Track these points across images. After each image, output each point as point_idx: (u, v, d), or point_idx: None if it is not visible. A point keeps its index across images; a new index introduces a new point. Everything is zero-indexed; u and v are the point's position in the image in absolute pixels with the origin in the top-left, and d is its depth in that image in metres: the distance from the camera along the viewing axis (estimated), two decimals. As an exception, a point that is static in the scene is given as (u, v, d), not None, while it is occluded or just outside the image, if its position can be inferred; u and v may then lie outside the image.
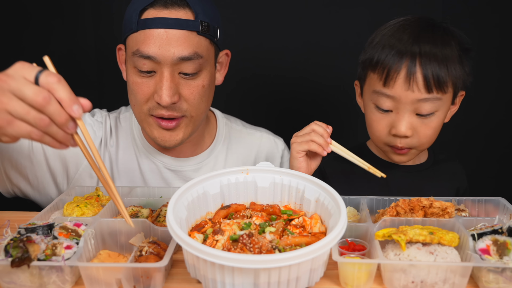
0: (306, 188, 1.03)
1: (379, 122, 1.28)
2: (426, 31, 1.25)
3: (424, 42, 1.22)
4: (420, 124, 1.25)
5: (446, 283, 0.86)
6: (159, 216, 1.08)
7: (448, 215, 1.05)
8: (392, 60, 1.22)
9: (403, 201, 1.07)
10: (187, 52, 1.20)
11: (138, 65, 1.21)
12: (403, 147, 1.28)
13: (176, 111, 1.24)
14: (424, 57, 1.20)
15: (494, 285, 0.87)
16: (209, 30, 1.23)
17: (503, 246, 0.89)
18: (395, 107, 1.24)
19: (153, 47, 1.18)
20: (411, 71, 1.19)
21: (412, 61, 1.20)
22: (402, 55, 1.21)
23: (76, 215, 1.07)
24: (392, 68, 1.21)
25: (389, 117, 1.27)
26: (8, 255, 0.85)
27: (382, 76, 1.23)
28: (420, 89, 1.20)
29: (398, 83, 1.21)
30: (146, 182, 1.40)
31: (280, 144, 1.57)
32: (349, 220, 1.11)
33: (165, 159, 1.41)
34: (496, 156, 2.09)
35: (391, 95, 1.23)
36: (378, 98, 1.26)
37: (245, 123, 1.58)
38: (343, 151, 1.22)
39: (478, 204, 1.16)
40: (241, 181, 1.06)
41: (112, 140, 1.40)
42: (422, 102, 1.21)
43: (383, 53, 1.24)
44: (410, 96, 1.21)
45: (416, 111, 1.23)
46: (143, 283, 0.85)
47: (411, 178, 1.41)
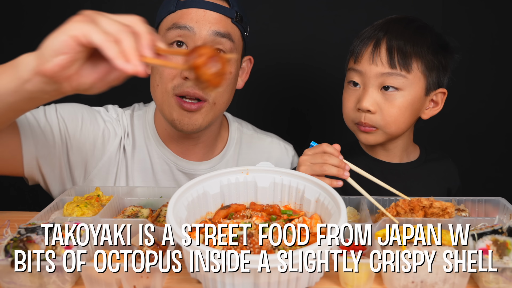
0: (306, 188, 1.03)
1: (348, 98, 1.34)
2: (401, 20, 1.35)
3: (396, 24, 1.32)
4: (384, 100, 1.29)
5: (446, 283, 0.86)
6: (159, 216, 1.08)
7: (448, 215, 1.05)
8: (365, 40, 1.31)
9: (403, 201, 1.08)
10: (222, 29, 1.25)
11: (171, 38, 1.24)
12: (367, 123, 1.31)
13: (201, 91, 1.24)
14: (390, 34, 1.28)
15: (494, 285, 0.87)
16: (242, 22, 1.30)
17: (503, 246, 0.89)
18: (362, 82, 1.31)
19: (191, 21, 1.23)
20: (376, 46, 1.28)
21: (379, 38, 1.29)
22: (373, 33, 1.31)
23: (76, 215, 1.07)
24: (362, 45, 1.30)
25: (357, 93, 1.32)
26: (8, 255, 0.85)
27: (354, 54, 1.32)
28: (384, 63, 1.27)
29: (364, 58, 1.29)
30: (158, 182, 1.40)
31: (290, 151, 1.58)
32: (349, 220, 1.11)
33: (178, 161, 1.40)
34: (496, 156, 2.10)
35: (358, 70, 1.30)
36: (349, 74, 1.34)
37: (256, 128, 1.58)
38: (361, 172, 1.19)
39: (478, 204, 1.16)
40: (241, 181, 1.06)
41: (129, 139, 1.39)
42: (386, 77, 1.27)
43: (358, 38, 1.34)
44: (374, 70, 1.27)
45: (381, 85, 1.28)
46: (143, 283, 0.85)
47: (399, 175, 1.41)
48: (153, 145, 1.40)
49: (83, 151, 1.32)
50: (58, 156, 1.28)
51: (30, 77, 0.81)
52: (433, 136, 1.98)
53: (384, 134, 1.33)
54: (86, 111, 1.35)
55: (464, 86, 1.92)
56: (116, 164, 1.36)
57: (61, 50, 0.76)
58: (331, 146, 1.18)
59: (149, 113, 1.42)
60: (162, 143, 1.40)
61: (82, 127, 1.31)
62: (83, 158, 1.32)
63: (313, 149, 1.19)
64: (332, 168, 1.14)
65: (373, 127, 1.31)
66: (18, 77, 0.83)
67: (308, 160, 1.18)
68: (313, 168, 1.16)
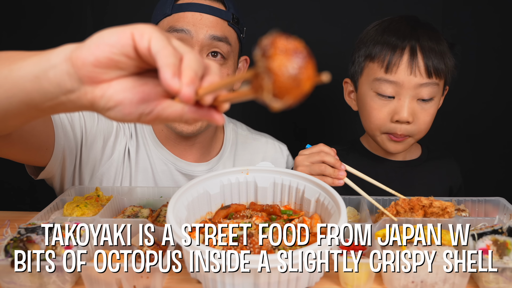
0: (306, 188, 1.03)
1: (380, 109, 1.30)
2: (418, 23, 1.32)
3: (421, 31, 1.28)
4: (420, 110, 1.28)
5: (446, 283, 0.86)
6: (159, 216, 1.08)
7: (448, 215, 1.05)
8: (393, 47, 1.26)
9: (403, 200, 1.08)
10: (219, 33, 1.25)
11: None
12: (403, 134, 1.30)
13: None
14: (423, 44, 1.26)
15: (494, 285, 0.87)
16: (238, 24, 1.30)
17: (503, 246, 0.89)
18: (397, 93, 1.27)
19: (188, 24, 1.23)
20: (414, 57, 1.24)
21: (413, 48, 1.25)
22: (403, 41, 1.26)
23: (76, 215, 1.07)
24: (394, 55, 1.25)
25: (390, 104, 1.28)
26: (8, 255, 0.85)
27: (384, 63, 1.26)
28: (422, 73, 1.24)
29: (401, 69, 1.25)
30: (157, 183, 1.41)
31: (284, 150, 1.58)
32: (350, 220, 1.11)
33: (177, 161, 1.40)
34: (496, 156, 2.09)
35: (393, 81, 1.26)
36: (380, 85, 1.28)
37: (250, 128, 1.59)
38: (358, 174, 1.18)
39: (478, 204, 1.16)
40: (241, 181, 1.06)
41: (133, 141, 1.39)
42: (423, 87, 1.25)
43: (382, 43, 1.28)
44: (413, 81, 1.25)
45: (417, 97, 1.27)
46: (143, 283, 0.85)
47: (402, 173, 1.42)
48: (151, 146, 1.40)
49: (94, 148, 1.32)
50: (75, 151, 1.28)
51: (58, 62, 0.65)
52: (435, 136, 1.98)
53: (413, 141, 1.34)
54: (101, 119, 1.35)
55: (465, 86, 1.92)
56: (122, 164, 1.37)
57: (109, 43, 0.61)
58: (328, 146, 1.19)
59: None
60: (160, 144, 1.40)
61: (98, 122, 1.31)
62: (93, 155, 1.33)
63: (309, 149, 1.19)
64: (329, 168, 1.15)
65: (406, 135, 1.31)
66: (46, 59, 0.66)
67: (305, 160, 1.17)
68: (311, 168, 1.16)
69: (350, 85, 1.44)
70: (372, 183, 1.17)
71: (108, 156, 1.35)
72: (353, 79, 1.40)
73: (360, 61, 1.34)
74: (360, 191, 1.14)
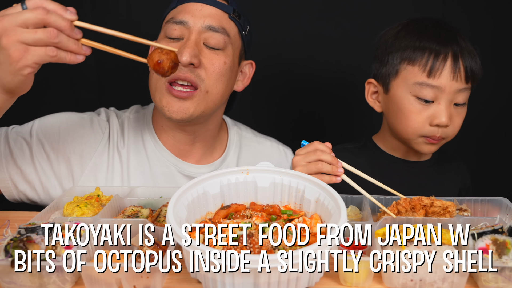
0: (306, 188, 1.03)
1: (419, 113, 1.31)
2: (451, 28, 1.35)
3: (459, 36, 1.31)
4: (456, 113, 1.32)
5: (445, 282, 0.87)
6: (159, 216, 1.08)
7: (449, 214, 1.05)
8: (436, 52, 1.28)
9: (404, 199, 1.08)
10: (216, 23, 1.27)
11: (168, 32, 1.28)
12: (441, 136, 1.32)
13: (194, 76, 1.24)
14: (463, 49, 1.29)
15: (493, 284, 0.87)
16: (240, 19, 1.31)
17: (503, 246, 0.89)
18: (437, 97, 1.29)
19: (187, 15, 1.27)
20: (456, 63, 1.27)
21: (455, 55, 1.28)
22: (446, 47, 1.28)
23: (76, 215, 1.07)
24: (438, 60, 1.27)
25: (430, 108, 1.30)
26: (8, 255, 0.85)
27: (426, 68, 1.28)
28: (462, 78, 1.28)
29: (444, 74, 1.27)
30: (157, 185, 1.37)
31: (289, 154, 1.57)
32: (351, 218, 1.11)
33: (179, 163, 1.38)
34: (496, 156, 2.10)
35: (436, 85, 1.28)
36: (421, 89, 1.29)
37: (255, 131, 1.58)
38: (356, 172, 1.18)
39: (481, 204, 1.16)
40: (241, 181, 1.06)
41: (123, 142, 1.37)
42: (461, 92, 1.29)
43: (423, 48, 1.29)
44: (454, 86, 1.28)
45: (454, 101, 1.30)
46: (143, 283, 0.85)
47: (414, 174, 1.42)
48: (152, 148, 1.38)
49: (66, 160, 1.31)
50: (42, 170, 1.30)
51: None
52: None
53: (445, 142, 1.37)
54: (69, 119, 1.35)
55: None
56: (106, 167, 1.34)
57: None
58: (323, 143, 1.19)
59: (147, 115, 1.42)
60: (162, 145, 1.38)
61: (59, 137, 1.32)
62: (68, 167, 1.32)
63: (305, 148, 1.19)
64: (326, 166, 1.15)
65: (442, 138, 1.34)
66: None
67: (302, 160, 1.18)
68: (308, 168, 1.16)
69: (373, 86, 1.43)
70: (370, 180, 1.17)
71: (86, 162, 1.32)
72: (382, 80, 1.38)
73: (396, 63, 1.34)
74: (358, 188, 1.14)
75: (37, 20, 0.87)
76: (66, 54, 0.92)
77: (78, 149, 1.32)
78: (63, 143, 1.31)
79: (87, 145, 1.33)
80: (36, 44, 0.88)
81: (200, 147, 1.41)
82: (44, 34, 0.88)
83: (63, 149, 1.31)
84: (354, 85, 1.84)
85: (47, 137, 1.31)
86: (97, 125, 1.37)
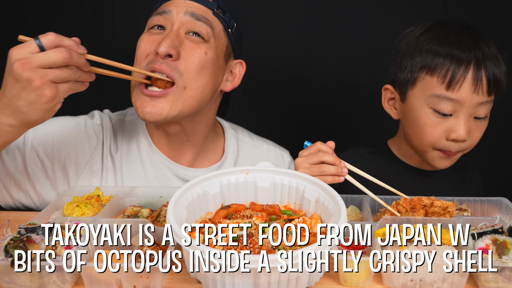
0: (306, 188, 1.03)
1: (436, 127, 1.24)
2: (479, 34, 1.26)
3: (484, 45, 1.22)
4: (475, 127, 1.25)
5: (445, 282, 0.87)
6: (159, 216, 1.08)
7: (449, 214, 1.05)
8: (457, 63, 1.20)
9: (404, 200, 1.08)
10: (199, 12, 1.26)
11: (152, 23, 1.28)
12: (457, 151, 1.27)
13: (171, 69, 1.20)
14: (486, 57, 1.20)
15: (493, 284, 0.87)
16: (225, 15, 1.30)
17: (503, 246, 0.89)
18: (455, 111, 1.22)
19: (170, 6, 1.27)
20: (478, 75, 1.19)
21: (478, 65, 1.20)
22: (467, 58, 1.20)
23: (76, 215, 1.07)
24: (458, 72, 1.19)
25: (447, 122, 1.23)
26: (8, 255, 0.85)
27: (445, 80, 1.20)
28: (484, 92, 1.20)
29: (464, 87, 1.19)
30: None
31: (286, 157, 1.56)
32: (351, 218, 1.11)
33: (173, 166, 1.36)
34: (498, 156, 2.09)
35: (454, 99, 1.20)
36: (439, 102, 1.22)
37: (252, 134, 1.56)
38: (358, 172, 1.17)
39: (481, 204, 1.16)
40: (241, 181, 1.06)
41: (116, 146, 1.36)
42: (482, 105, 1.22)
43: (443, 56, 1.22)
44: (475, 99, 1.20)
45: (474, 115, 1.23)
46: (143, 283, 0.85)
47: (431, 183, 1.39)
48: (146, 151, 1.36)
49: (61, 165, 1.30)
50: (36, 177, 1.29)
51: None
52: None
53: (460, 156, 1.31)
54: (63, 125, 1.33)
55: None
56: (100, 172, 1.33)
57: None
58: (325, 144, 1.17)
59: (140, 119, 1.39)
60: (156, 148, 1.36)
61: (54, 143, 1.29)
62: (64, 173, 1.30)
63: (307, 150, 1.17)
64: (330, 168, 1.12)
65: (458, 152, 1.28)
66: None
67: (304, 162, 1.15)
68: (311, 170, 1.13)
69: (390, 93, 1.37)
70: (371, 180, 1.16)
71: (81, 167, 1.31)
72: (400, 87, 1.32)
73: (414, 71, 1.27)
74: (361, 187, 1.13)
75: (63, 62, 0.96)
76: (82, 85, 1.04)
77: (73, 155, 1.30)
78: (57, 149, 1.29)
79: (82, 151, 1.32)
80: (63, 81, 0.98)
81: (190, 148, 1.37)
82: (68, 73, 0.98)
83: (58, 156, 1.29)
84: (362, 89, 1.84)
85: (41, 144, 1.28)
86: (91, 129, 1.34)
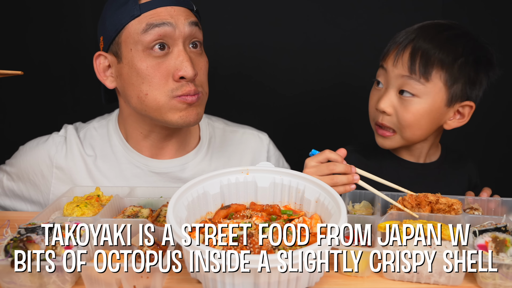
0: (306, 188, 1.03)
1: (372, 97, 1.36)
2: (439, 25, 1.31)
3: (430, 29, 1.29)
4: (400, 104, 1.28)
5: (442, 276, 0.87)
6: (159, 216, 1.08)
7: (454, 212, 1.05)
8: (398, 40, 1.30)
9: (410, 196, 1.09)
10: (193, 19, 1.25)
11: (150, 40, 1.18)
12: (384, 124, 1.31)
13: (197, 86, 1.24)
14: (419, 39, 1.27)
15: (490, 281, 0.88)
16: (199, 14, 1.31)
17: (502, 243, 0.90)
18: (385, 82, 1.32)
19: (166, 17, 1.19)
20: (402, 48, 1.27)
21: (408, 40, 1.28)
22: (405, 35, 1.30)
23: (76, 215, 1.07)
24: (391, 45, 1.31)
25: (379, 93, 1.33)
26: (8, 255, 0.85)
27: (383, 53, 1.33)
28: (404, 66, 1.26)
29: (389, 57, 1.30)
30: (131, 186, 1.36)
31: (264, 139, 1.54)
32: (363, 213, 1.14)
33: (149, 162, 1.37)
34: (497, 157, 2.09)
35: (384, 67, 1.32)
36: (378, 72, 1.34)
37: (227, 121, 1.55)
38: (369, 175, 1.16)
39: (495, 204, 1.16)
40: (241, 181, 1.06)
41: (88, 150, 1.38)
42: (405, 80, 1.26)
43: (395, 38, 1.33)
44: (395, 71, 1.28)
45: (400, 88, 1.28)
46: (143, 283, 0.85)
47: (425, 176, 1.40)
48: (120, 152, 1.37)
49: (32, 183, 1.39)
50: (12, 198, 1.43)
51: None
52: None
53: (400, 140, 1.32)
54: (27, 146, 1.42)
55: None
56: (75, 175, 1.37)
57: None
58: (334, 152, 1.15)
59: (111, 122, 1.40)
60: (130, 147, 1.37)
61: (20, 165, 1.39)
62: (35, 190, 1.39)
63: (316, 158, 1.16)
64: (342, 178, 1.12)
65: (391, 129, 1.31)
66: None
67: (314, 173, 1.13)
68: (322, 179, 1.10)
69: None
70: (383, 183, 1.15)
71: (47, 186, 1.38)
72: None
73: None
74: (373, 190, 1.12)
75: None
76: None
77: (37, 169, 1.37)
78: (24, 169, 1.38)
79: (44, 163, 1.37)
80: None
81: (175, 142, 1.38)
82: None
83: (26, 175, 1.38)
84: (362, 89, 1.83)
85: (13, 168, 1.40)
86: (51, 142, 1.39)
